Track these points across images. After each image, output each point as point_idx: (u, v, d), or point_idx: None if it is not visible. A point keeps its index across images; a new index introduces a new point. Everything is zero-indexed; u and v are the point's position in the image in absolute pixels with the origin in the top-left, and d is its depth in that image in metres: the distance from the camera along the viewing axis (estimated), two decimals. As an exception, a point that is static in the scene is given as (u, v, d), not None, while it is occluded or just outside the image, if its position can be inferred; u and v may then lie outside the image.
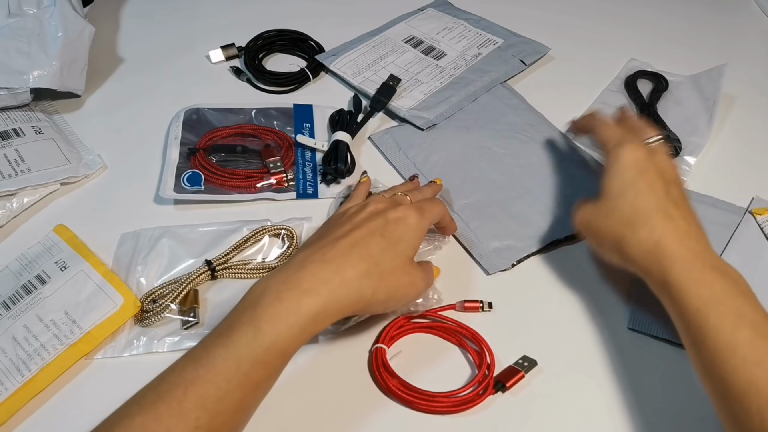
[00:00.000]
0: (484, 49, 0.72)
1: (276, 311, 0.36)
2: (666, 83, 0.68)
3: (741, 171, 0.61)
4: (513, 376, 0.44)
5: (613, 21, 0.79)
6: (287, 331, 0.36)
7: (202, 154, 0.58)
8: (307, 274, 0.38)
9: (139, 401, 0.35)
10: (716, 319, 0.38)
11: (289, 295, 0.37)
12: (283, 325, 0.36)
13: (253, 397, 0.37)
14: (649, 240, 0.42)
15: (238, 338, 0.36)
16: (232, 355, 0.35)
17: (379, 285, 0.40)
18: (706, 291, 0.39)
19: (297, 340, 0.37)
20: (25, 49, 0.59)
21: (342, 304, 0.39)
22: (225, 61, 0.71)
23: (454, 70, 0.69)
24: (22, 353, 0.44)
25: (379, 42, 0.73)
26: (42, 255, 0.50)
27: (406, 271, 0.43)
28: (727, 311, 0.38)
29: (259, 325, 0.36)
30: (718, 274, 0.40)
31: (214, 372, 0.35)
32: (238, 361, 0.35)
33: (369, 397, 0.44)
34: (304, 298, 0.37)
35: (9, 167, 0.55)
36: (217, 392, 0.34)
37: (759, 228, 0.55)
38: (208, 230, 0.53)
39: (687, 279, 0.40)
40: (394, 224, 0.43)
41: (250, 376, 0.35)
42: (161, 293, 0.48)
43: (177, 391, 0.34)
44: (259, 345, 0.35)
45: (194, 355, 0.36)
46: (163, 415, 0.33)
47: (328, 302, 0.38)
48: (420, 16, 0.77)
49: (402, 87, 0.67)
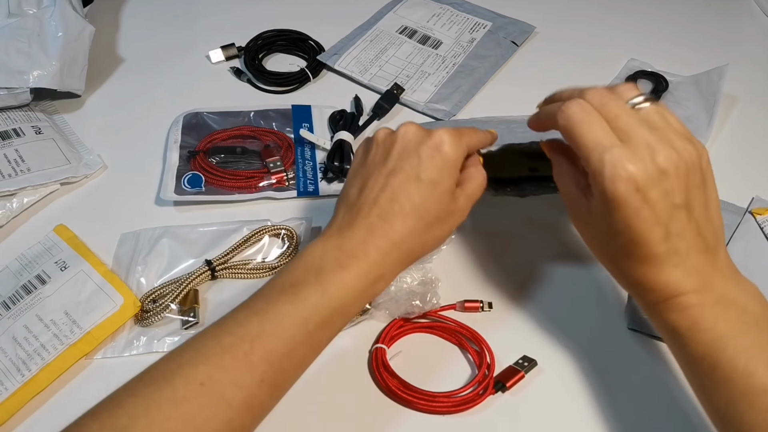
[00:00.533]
0: (476, 33, 0.75)
1: (341, 276, 0.37)
2: (666, 83, 0.68)
3: (741, 171, 0.61)
4: (513, 376, 0.44)
5: (613, 21, 0.79)
6: (352, 293, 0.37)
7: (202, 156, 0.58)
8: (359, 242, 0.38)
9: (199, 350, 0.34)
10: (725, 367, 0.34)
11: (349, 262, 0.37)
12: (348, 289, 0.36)
13: (313, 355, 0.37)
14: (636, 277, 0.36)
15: (306, 297, 0.36)
16: (300, 314, 0.35)
17: (426, 238, 0.39)
18: (707, 335, 0.34)
19: (358, 303, 0.38)
20: (25, 49, 0.59)
21: (396, 266, 0.39)
22: (225, 61, 0.71)
23: (455, 58, 0.71)
24: (22, 353, 0.44)
25: (375, 36, 0.74)
26: (42, 255, 0.50)
27: (449, 210, 0.40)
28: (735, 354, 0.33)
29: (327, 287, 0.36)
30: (721, 308, 0.35)
31: (282, 328, 0.35)
32: (306, 319, 0.35)
33: (369, 397, 0.44)
34: (363, 265, 0.37)
35: (9, 167, 0.55)
36: (283, 348, 0.34)
37: (759, 228, 0.55)
38: (208, 230, 0.53)
39: (687, 326, 0.35)
40: (429, 160, 0.39)
41: (315, 335, 0.36)
42: (161, 293, 0.48)
43: (243, 344, 0.34)
44: (326, 306, 0.36)
45: (257, 309, 0.36)
46: (229, 366, 0.33)
47: (383, 266, 0.38)
48: (406, 3, 0.78)
49: (411, 80, 0.68)
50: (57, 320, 0.46)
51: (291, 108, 0.64)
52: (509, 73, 0.71)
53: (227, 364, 0.33)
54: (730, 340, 0.34)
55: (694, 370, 0.36)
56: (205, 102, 0.64)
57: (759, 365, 0.33)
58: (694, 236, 0.35)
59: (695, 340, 0.35)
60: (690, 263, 0.35)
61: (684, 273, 0.35)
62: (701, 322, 0.34)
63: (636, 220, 0.34)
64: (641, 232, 0.34)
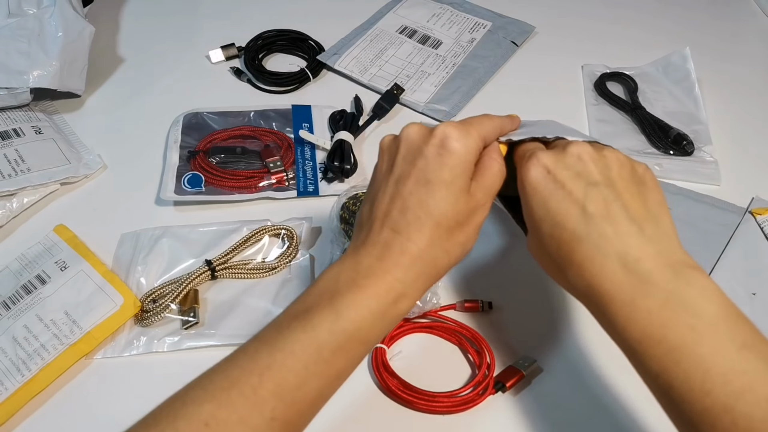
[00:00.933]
0: (476, 33, 0.75)
1: (355, 297, 0.33)
2: (634, 82, 0.68)
3: (741, 171, 0.61)
4: (513, 376, 0.44)
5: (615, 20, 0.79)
6: (369, 316, 0.33)
7: (202, 156, 0.58)
8: (375, 259, 0.35)
9: (205, 386, 0.31)
10: (680, 387, 0.30)
11: (366, 282, 0.34)
12: (365, 311, 0.33)
13: (330, 388, 0.34)
14: (580, 283, 0.34)
15: (319, 323, 0.32)
16: (312, 341, 0.32)
17: (449, 245, 0.35)
18: (659, 349, 0.31)
19: (379, 326, 0.34)
20: (25, 49, 0.59)
21: (420, 282, 0.35)
22: (225, 61, 0.71)
23: (455, 58, 0.71)
24: (22, 353, 0.44)
25: (375, 35, 0.74)
26: (42, 255, 0.50)
27: (469, 210, 0.36)
28: (690, 370, 0.30)
29: (340, 309, 0.33)
30: (671, 313, 0.30)
31: (293, 358, 0.31)
32: (319, 347, 0.32)
33: (369, 397, 0.44)
34: (381, 284, 0.34)
35: (9, 167, 0.55)
36: (296, 380, 0.31)
37: (759, 228, 0.55)
38: (208, 230, 0.53)
39: (637, 338, 0.31)
40: (436, 159, 0.35)
41: (330, 365, 0.32)
42: (161, 293, 0.48)
43: (251, 377, 0.31)
44: (341, 331, 0.32)
45: (267, 339, 0.33)
46: (236, 403, 0.30)
47: (405, 283, 0.34)
48: (405, 3, 0.78)
49: (411, 80, 0.68)
50: (57, 320, 0.46)
51: (291, 108, 0.64)
52: (509, 74, 0.71)
53: (234, 401, 0.30)
54: (684, 352, 0.30)
55: (653, 389, 0.32)
56: (205, 102, 0.64)
57: (716, 382, 0.29)
58: (621, 219, 0.33)
59: (648, 355, 0.31)
60: (623, 249, 0.32)
61: (619, 262, 0.32)
62: (651, 332, 0.31)
63: (551, 200, 0.34)
64: (558, 212, 0.34)
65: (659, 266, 0.32)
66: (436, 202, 0.35)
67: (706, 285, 0.31)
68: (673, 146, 0.61)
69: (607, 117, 0.66)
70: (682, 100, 0.67)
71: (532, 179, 0.35)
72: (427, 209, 0.34)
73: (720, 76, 0.72)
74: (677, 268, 0.32)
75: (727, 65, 0.74)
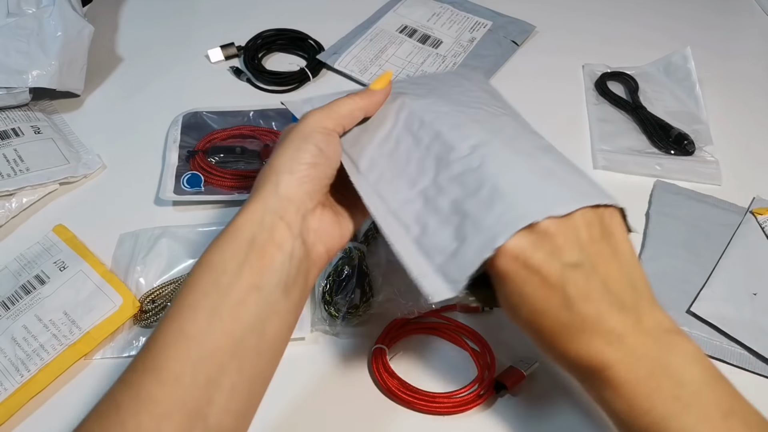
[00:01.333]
0: (476, 33, 0.74)
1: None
2: (635, 82, 0.68)
3: (742, 171, 0.61)
4: (513, 377, 0.44)
5: (616, 19, 0.79)
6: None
7: (201, 155, 0.58)
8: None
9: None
10: None
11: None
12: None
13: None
14: (564, 361, 0.33)
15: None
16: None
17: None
18: (646, 420, 0.30)
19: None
20: (24, 48, 0.59)
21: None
22: (224, 60, 0.71)
23: (455, 58, 0.71)
24: (21, 353, 0.44)
25: (375, 35, 0.73)
26: (41, 255, 0.50)
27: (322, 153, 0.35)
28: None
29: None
30: (655, 383, 0.30)
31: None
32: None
33: (369, 398, 0.44)
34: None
35: (8, 167, 0.55)
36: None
37: (760, 228, 0.55)
38: (208, 230, 0.53)
39: (624, 409, 0.31)
40: (294, 143, 0.35)
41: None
42: (160, 293, 0.48)
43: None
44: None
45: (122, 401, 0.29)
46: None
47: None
48: (405, 2, 0.78)
49: None
50: (56, 320, 0.45)
51: (291, 107, 0.64)
52: (509, 73, 0.71)
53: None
54: (670, 422, 0.30)
55: None
56: (204, 101, 0.64)
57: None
58: (601, 296, 0.31)
59: (636, 425, 0.31)
60: (606, 328, 0.31)
61: (604, 341, 0.31)
62: (639, 403, 0.30)
63: (527, 288, 0.31)
64: (536, 300, 0.31)
65: (641, 338, 0.31)
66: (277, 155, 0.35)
67: (687, 349, 0.31)
68: (674, 146, 0.61)
69: (608, 116, 0.66)
70: (683, 99, 0.67)
71: (501, 270, 0.31)
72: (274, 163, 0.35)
73: (721, 75, 0.72)
74: (657, 336, 0.31)
75: (728, 65, 0.74)
